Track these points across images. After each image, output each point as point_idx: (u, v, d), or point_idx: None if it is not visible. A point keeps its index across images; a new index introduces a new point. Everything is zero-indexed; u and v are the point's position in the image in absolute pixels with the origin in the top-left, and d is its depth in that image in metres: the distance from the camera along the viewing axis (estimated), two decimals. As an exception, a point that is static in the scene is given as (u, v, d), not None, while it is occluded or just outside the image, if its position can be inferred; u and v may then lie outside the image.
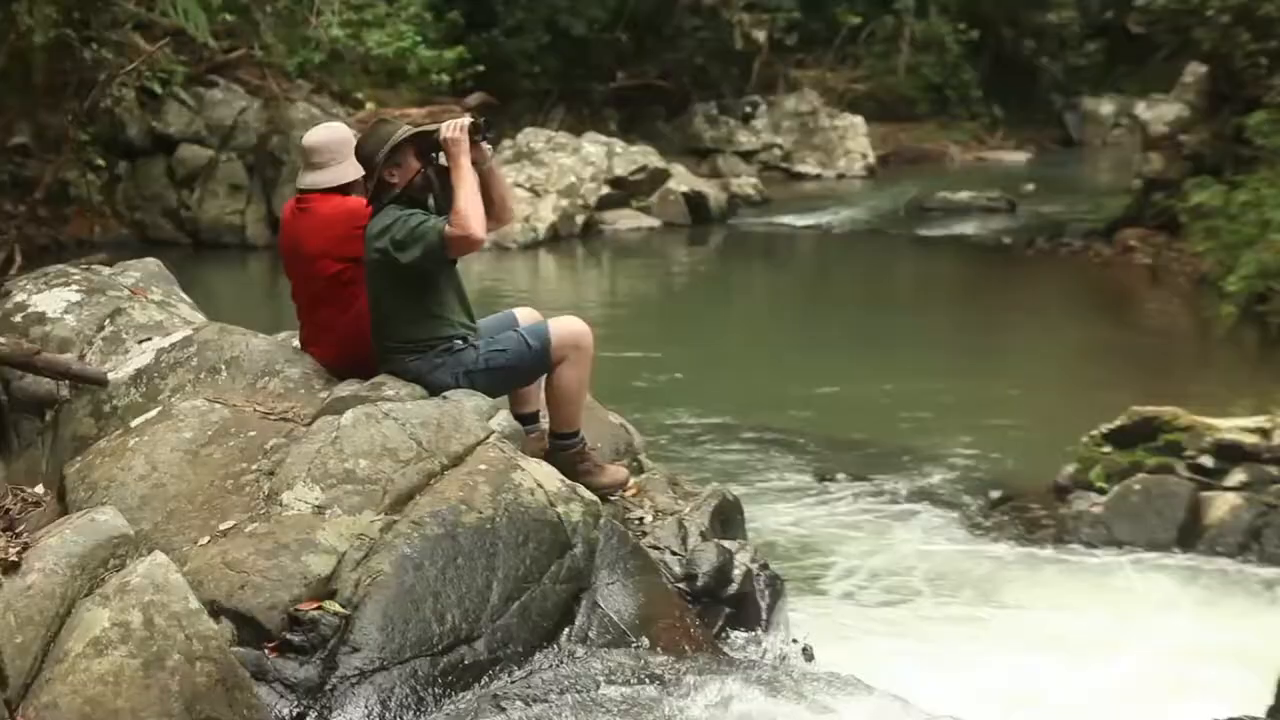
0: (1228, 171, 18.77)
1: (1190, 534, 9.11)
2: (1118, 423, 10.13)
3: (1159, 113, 22.56)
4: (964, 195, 28.27)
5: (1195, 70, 21.70)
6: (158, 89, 20.12)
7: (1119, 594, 8.39)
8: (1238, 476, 9.49)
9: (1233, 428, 9.84)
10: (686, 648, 5.32)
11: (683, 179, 26.31)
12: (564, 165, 24.20)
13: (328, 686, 4.63)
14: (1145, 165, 22.24)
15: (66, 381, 6.36)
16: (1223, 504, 9.22)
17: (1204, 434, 9.79)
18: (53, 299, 6.84)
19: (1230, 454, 9.62)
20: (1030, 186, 30.07)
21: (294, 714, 4.54)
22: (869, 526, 9.63)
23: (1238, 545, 8.95)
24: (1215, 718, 5.24)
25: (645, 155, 25.89)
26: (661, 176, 25.59)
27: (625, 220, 24.51)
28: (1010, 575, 8.77)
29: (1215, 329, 15.97)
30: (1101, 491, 9.64)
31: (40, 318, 6.71)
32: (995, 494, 10.26)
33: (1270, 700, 5.63)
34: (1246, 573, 8.69)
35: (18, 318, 6.73)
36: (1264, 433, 9.73)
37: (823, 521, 9.71)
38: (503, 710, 4.69)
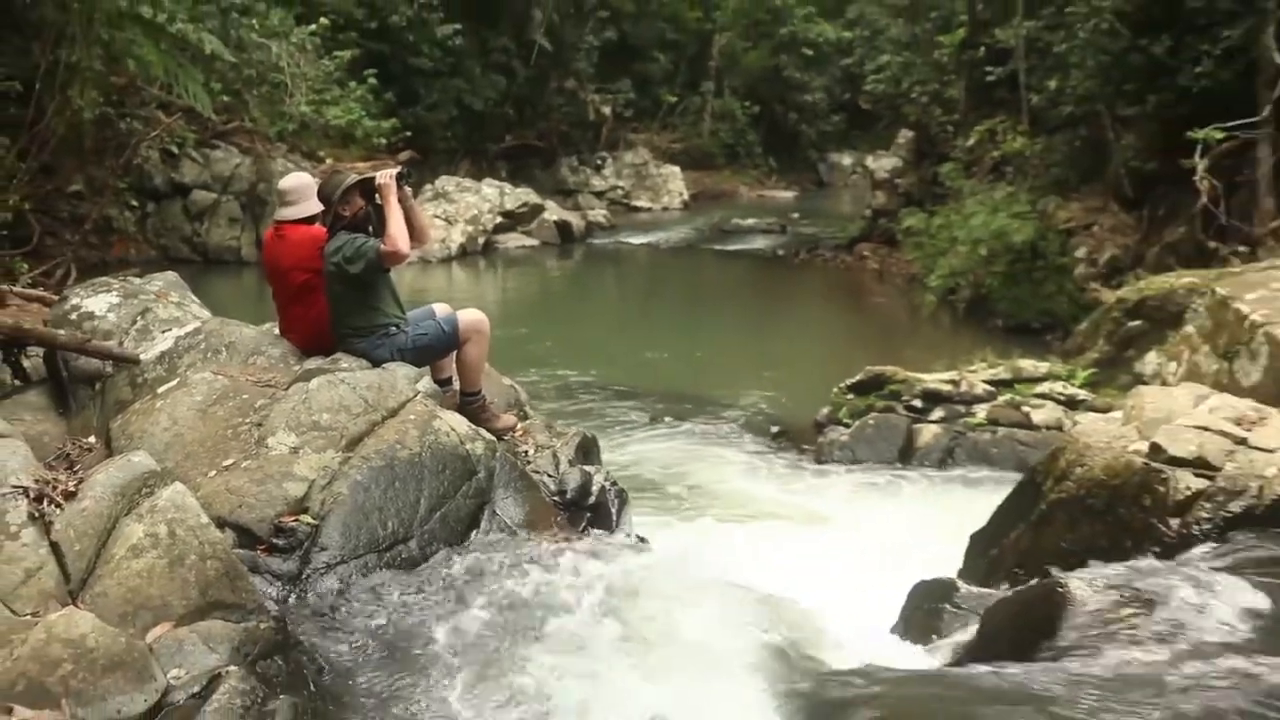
0: (928, 204, 19.20)
1: (907, 453, 9.33)
2: (857, 378, 10.34)
3: (882, 163, 22.97)
4: (750, 221, 28.53)
5: (905, 134, 22.13)
6: (175, 150, 19.68)
7: (855, 494, 8.56)
8: (937, 413, 9.74)
9: (934, 380, 10.08)
10: (559, 541, 5.32)
11: (554, 211, 26.14)
12: (469, 202, 23.98)
13: (303, 575, 4.58)
14: (873, 200, 22.64)
15: (110, 361, 6.22)
16: (928, 432, 9.45)
17: (915, 384, 10.02)
18: (99, 302, 6.68)
19: (932, 398, 9.88)
20: (796, 215, 30.36)
21: (279, 596, 4.48)
22: (687, 453, 9.70)
23: (938, 460, 9.18)
24: (922, 579, 5.34)
25: (527, 195, 25.68)
26: (539, 210, 25.41)
27: (513, 241, 24.32)
28: (784, 484, 8.90)
29: (922, 312, 16.32)
30: (847, 425, 9.83)
31: (90, 315, 6.56)
32: (775, 428, 10.40)
33: (960, 565, 5.78)
34: (944, 477, 8.92)
35: (73, 316, 6.58)
36: (954, 383, 9.98)
37: (655, 450, 9.77)
38: (430, 589, 4.66)
